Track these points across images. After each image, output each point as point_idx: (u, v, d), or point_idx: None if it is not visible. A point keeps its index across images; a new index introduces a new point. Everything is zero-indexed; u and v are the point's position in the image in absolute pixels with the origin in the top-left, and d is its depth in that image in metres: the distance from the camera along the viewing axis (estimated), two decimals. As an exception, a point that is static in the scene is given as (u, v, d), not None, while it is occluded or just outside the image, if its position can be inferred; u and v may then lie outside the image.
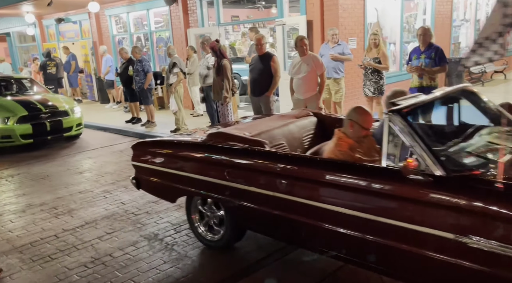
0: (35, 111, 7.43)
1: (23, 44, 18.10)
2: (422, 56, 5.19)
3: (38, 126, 7.35)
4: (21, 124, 7.21)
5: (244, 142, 3.14)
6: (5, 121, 7.17)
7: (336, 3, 7.26)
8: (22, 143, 7.26)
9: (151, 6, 11.26)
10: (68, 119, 7.77)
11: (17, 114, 7.25)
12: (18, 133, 7.19)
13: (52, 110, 7.63)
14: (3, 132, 7.18)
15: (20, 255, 3.64)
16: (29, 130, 7.26)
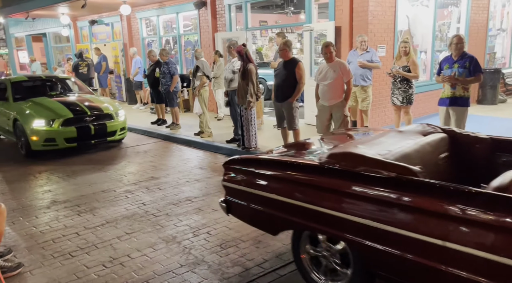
0: (80, 114, 7.07)
1: (58, 45, 18.76)
2: (455, 65, 4.99)
3: (82, 129, 6.98)
4: (66, 127, 6.86)
5: (387, 168, 2.39)
6: (49, 123, 6.82)
7: (365, 10, 7.12)
8: (66, 146, 6.93)
9: (181, 10, 11.43)
10: (113, 123, 7.35)
11: (62, 117, 6.89)
12: (63, 136, 6.85)
13: (97, 113, 7.24)
14: (47, 135, 6.80)
15: (42, 251, 3.71)
16: (73, 134, 6.90)
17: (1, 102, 7.81)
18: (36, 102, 7.29)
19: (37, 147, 6.86)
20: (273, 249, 3.62)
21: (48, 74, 9.95)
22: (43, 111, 6.94)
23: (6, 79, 8.21)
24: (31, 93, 7.84)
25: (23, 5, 13.19)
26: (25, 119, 6.92)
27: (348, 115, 5.55)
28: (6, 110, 7.57)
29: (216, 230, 4.05)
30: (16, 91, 7.80)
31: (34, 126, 6.77)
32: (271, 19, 16.21)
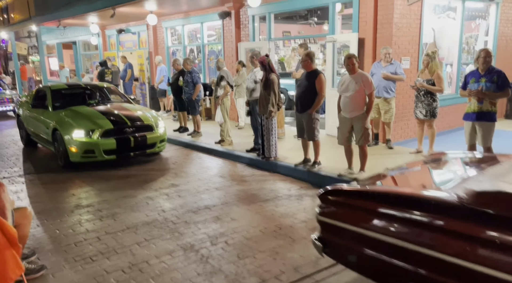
0: (120, 125, 6.74)
1: (87, 52, 19.38)
2: (482, 79, 4.87)
3: (122, 141, 6.63)
4: (106, 138, 6.54)
5: None
6: (89, 134, 6.51)
7: (390, 22, 7.07)
8: (105, 159, 6.59)
9: (205, 20, 11.63)
10: (153, 134, 6.99)
11: (102, 128, 6.59)
12: (102, 148, 6.53)
13: (137, 124, 6.90)
14: (86, 146, 6.48)
15: (64, 254, 3.80)
16: (112, 146, 6.57)
17: (41, 110, 7.64)
18: (76, 112, 7.09)
19: (75, 158, 6.61)
20: (290, 262, 3.59)
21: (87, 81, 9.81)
22: (83, 122, 6.69)
23: (46, 87, 8.09)
24: (71, 102, 7.64)
25: (55, 14, 13.71)
26: (64, 129, 6.67)
27: (369, 128, 5.48)
28: (45, 119, 7.35)
29: (234, 239, 4.05)
30: (56, 99, 7.62)
31: (74, 137, 6.52)
32: (294, 30, 16.26)
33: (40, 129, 7.60)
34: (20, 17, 20.90)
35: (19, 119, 8.93)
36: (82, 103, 7.72)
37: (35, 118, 7.81)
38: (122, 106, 7.74)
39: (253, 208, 4.92)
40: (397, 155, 6.68)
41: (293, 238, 4.05)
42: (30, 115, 8.12)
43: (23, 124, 8.67)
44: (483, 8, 9.02)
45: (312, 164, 6.07)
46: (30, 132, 8.34)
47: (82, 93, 8.25)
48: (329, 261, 3.55)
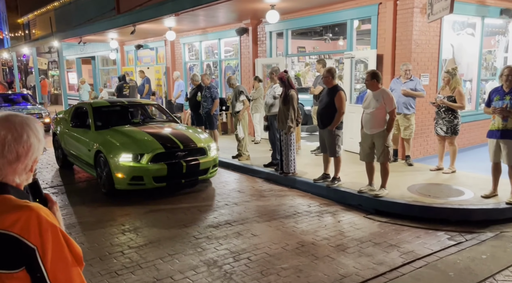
0: (171, 148, 5.96)
1: (105, 67, 19.82)
2: (507, 97, 4.82)
3: (173, 167, 5.87)
4: (155, 163, 5.78)
5: None
6: (137, 158, 5.75)
7: (409, 39, 7.09)
8: (154, 186, 5.85)
9: (223, 36, 11.83)
10: (205, 159, 6.22)
11: (153, 151, 5.81)
12: (152, 174, 5.75)
13: (189, 147, 6.13)
14: (135, 172, 5.71)
15: (90, 268, 3.83)
16: (163, 172, 5.81)
17: (82, 130, 6.87)
18: (122, 132, 6.36)
19: (121, 185, 5.83)
20: (314, 280, 3.56)
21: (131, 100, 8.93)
22: (131, 144, 5.94)
23: (87, 104, 7.34)
24: (113, 121, 6.97)
25: (77, 30, 14.12)
26: (110, 152, 5.87)
27: (390, 146, 5.44)
28: (87, 139, 6.57)
29: (256, 255, 4.04)
30: (98, 117, 6.91)
31: (121, 161, 5.73)
32: (309, 45, 16.40)
33: (80, 151, 6.87)
34: (41, 33, 21.56)
35: (54, 138, 8.22)
36: (126, 122, 7.04)
37: (75, 138, 7.06)
38: (170, 126, 6.99)
39: (274, 224, 4.90)
40: (417, 171, 6.60)
41: (316, 256, 4.02)
42: (69, 134, 7.36)
43: (59, 144, 7.90)
44: (503, 24, 8.98)
45: (331, 180, 6.05)
46: (67, 153, 7.55)
47: (125, 111, 7.57)
48: (354, 280, 3.51)
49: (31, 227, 1.24)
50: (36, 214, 1.26)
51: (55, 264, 1.27)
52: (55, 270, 1.27)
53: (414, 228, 4.70)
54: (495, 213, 4.87)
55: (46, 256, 1.25)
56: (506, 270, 3.65)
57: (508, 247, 4.14)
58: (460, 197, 5.27)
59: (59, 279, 1.28)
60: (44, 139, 1.36)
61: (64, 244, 1.31)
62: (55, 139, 8.18)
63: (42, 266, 1.25)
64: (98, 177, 6.32)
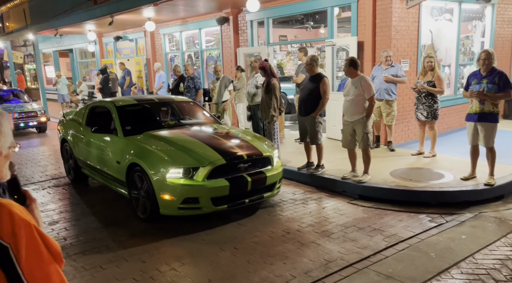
0: (233, 159, 4.57)
1: (83, 60, 19.38)
2: (483, 81, 4.92)
3: (236, 183, 4.49)
4: (214, 180, 4.40)
5: None
6: (189, 173, 4.36)
7: (389, 25, 7.13)
8: (213, 210, 4.43)
9: (203, 26, 11.68)
10: (272, 171, 4.85)
11: (211, 163, 4.41)
12: (210, 194, 4.35)
13: (254, 157, 4.76)
14: (188, 192, 4.32)
15: (73, 263, 3.79)
16: (224, 191, 4.40)
17: (105, 136, 5.40)
18: (163, 139, 4.94)
19: (169, 210, 4.42)
20: (300, 266, 3.60)
21: (162, 96, 7.22)
22: (180, 154, 4.53)
23: (109, 103, 5.78)
24: (144, 123, 5.57)
25: (52, 22, 13.71)
26: (152, 165, 4.45)
27: (369, 133, 5.50)
28: (114, 149, 5.16)
29: (242, 244, 4.06)
30: (124, 119, 5.41)
31: (168, 178, 4.32)
32: (291, 34, 16.35)
33: (102, 163, 5.41)
34: (16, 25, 20.86)
35: (63, 146, 6.66)
36: (160, 124, 5.66)
37: (94, 146, 5.62)
38: (220, 129, 5.69)
39: (259, 213, 4.92)
40: (399, 156, 6.72)
41: (301, 242, 4.06)
42: (85, 141, 5.86)
43: (71, 153, 6.35)
44: (479, 9, 9.12)
45: (315, 167, 6.10)
46: (81, 163, 6.09)
47: (156, 110, 6.07)
48: (339, 264, 3.57)
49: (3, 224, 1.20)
50: (8, 210, 1.23)
51: (31, 262, 1.24)
52: (31, 268, 1.24)
53: (397, 211, 4.79)
54: (473, 195, 5.01)
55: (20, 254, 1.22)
56: (485, 249, 3.77)
57: (486, 227, 4.27)
58: (440, 180, 5.39)
59: (36, 277, 1.26)
60: (9, 133, 1.32)
61: (40, 241, 1.29)
62: (64, 148, 6.61)
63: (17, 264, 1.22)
64: (131, 198, 4.84)
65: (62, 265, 1.39)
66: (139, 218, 4.74)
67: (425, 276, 3.34)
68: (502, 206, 4.84)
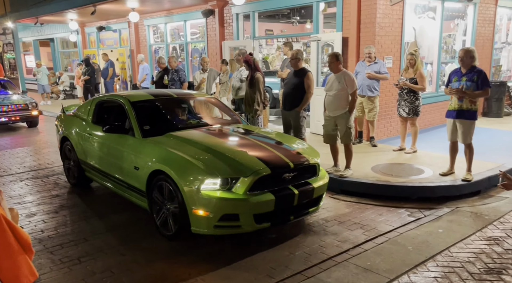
0: (278, 168, 3.89)
1: (65, 50, 18.95)
2: (463, 78, 5.01)
3: (283, 197, 3.81)
4: (257, 193, 3.72)
5: None
6: (227, 183, 3.69)
7: (373, 21, 7.18)
8: (255, 229, 3.76)
9: (189, 18, 11.55)
10: (317, 181, 4.18)
11: (255, 173, 3.73)
12: (253, 210, 3.68)
13: (300, 165, 4.08)
14: (226, 207, 3.65)
15: (51, 256, 3.72)
16: (269, 206, 3.73)
17: (119, 136, 4.70)
18: (191, 142, 4.26)
19: (203, 228, 3.73)
20: (281, 260, 3.62)
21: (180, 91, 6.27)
22: (216, 161, 3.86)
23: (123, 98, 4.98)
24: (163, 122, 4.98)
25: (32, 10, 13.36)
26: (182, 173, 3.78)
27: (351, 127, 5.55)
28: (132, 152, 4.43)
29: (224, 241, 4.05)
30: (141, 118, 4.71)
31: (203, 190, 3.65)
32: (277, 28, 16.34)
33: (115, 167, 4.70)
34: (-6, 13, 20.20)
35: (63, 145, 5.91)
36: (182, 124, 5.09)
37: (106, 148, 4.93)
38: (253, 130, 5.03)
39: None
40: (381, 152, 6.80)
41: (282, 236, 4.08)
42: (92, 141, 5.18)
43: (73, 154, 5.63)
44: (462, 8, 9.27)
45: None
46: (86, 166, 5.37)
47: (176, 108, 5.46)
48: (319, 257, 3.61)
49: None
50: None
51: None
52: (0, 259, 1.21)
53: (377, 206, 4.86)
54: (452, 190, 5.11)
55: None
56: (460, 243, 3.86)
57: (462, 221, 4.37)
58: (420, 175, 5.48)
59: (4, 267, 1.23)
60: None
61: (9, 231, 1.26)
62: (65, 147, 5.87)
63: None
64: (152, 211, 4.15)
65: (32, 255, 1.36)
66: (163, 234, 4.03)
67: (402, 268, 3.40)
68: (478, 201, 4.96)
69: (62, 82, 17.08)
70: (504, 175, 3.01)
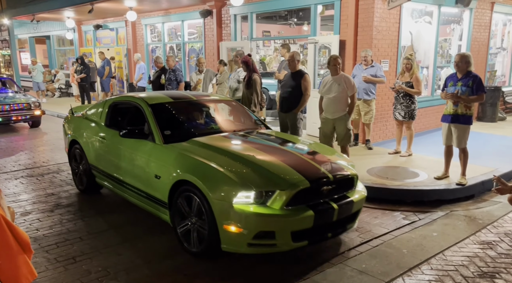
0: (317, 181, 3.56)
1: (61, 48, 18.85)
2: (458, 83, 5.07)
3: (321, 212, 3.48)
4: (295, 208, 3.38)
5: None
6: (261, 196, 3.35)
7: (370, 25, 7.23)
8: (292, 248, 3.44)
9: (186, 18, 11.54)
10: (355, 194, 3.84)
11: (292, 187, 3.40)
12: (290, 227, 3.36)
13: (340, 178, 3.75)
14: (262, 223, 3.30)
15: (46, 255, 3.71)
16: (308, 222, 3.40)
17: (137, 141, 4.32)
18: (218, 149, 3.91)
19: (235, 246, 3.41)
20: (273, 262, 3.63)
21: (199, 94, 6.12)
22: (248, 172, 3.53)
23: (140, 100, 4.61)
24: (185, 127, 4.67)
25: (29, 7, 13.28)
26: (212, 185, 3.44)
27: (351, 129, 5.60)
28: (151, 158, 4.10)
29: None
30: (161, 122, 4.35)
31: (236, 204, 3.32)
32: (274, 30, 16.36)
33: (132, 175, 4.37)
34: (-10, 9, 20.06)
35: (72, 149, 5.54)
36: (205, 129, 4.76)
37: (121, 153, 4.55)
38: (282, 137, 4.72)
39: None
40: (377, 155, 6.84)
41: (278, 237, 4.09)
42: (106, 146, 4.82)
43: (83, 159, 5.29)
44: (458, 13, 9.35)
45: None
46: (98, 172, 5.04)
47: (197, 112, 5.12)
48: (315, 260, 3.62)
49: None
50: None
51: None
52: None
53: (372, 208, 4.89)
54: (446, 193, 5.16)
55: None
56: (454, 246, 3.89)
57: (456, 225, 4.42)
58: (415, 178, 5.52)
59: (3, 267, 1.23)
60: None
61: (8, 231, 1.26)
62: (74, 151, 5.50)
63: None
64: (175, 225, 3.80)
65: (31, 255, 1.36)
66: (187, 251, 3.70)
67: (397, 271, 3.43)
68: (472, 205, 5.01)
69: (58, 80, 16.99)
70: (498, 179, 3.05)
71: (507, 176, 5.67)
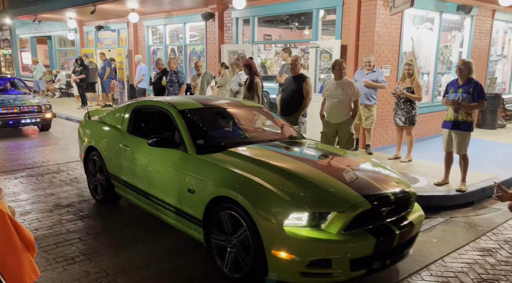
0: (379, 202, 3.15)
1: (62, 48, 18.87)
2: (459, 90, 5.08)
3: (382, 237, 3.06)
4: (353, 232, 2.99)
5: None
6: (314, 218, 2.95)
7: (372, 30, 7.26)
8: (350, 277, 3.01)
9: (188, 20, 11.57)
10: (413, 214, 3.46)
11: (352, 208, 2.99)
12: (349, 255, 2.95)
13: (401, 197, 3.34)
14: (317, 250, 2.92)
15: (45, 255, 3.70)
16: (368, 249, 3.00)
17: (165, 151, 3.90)
18: (261, 163, 3.48)
19: (286, 275, 3.00)
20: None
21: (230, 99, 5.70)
22: (300, 190, 3.10)
23: (168, 106, 4.16)
24: (219, 136, 4.30)
25: (31, 7, 13.31)
26: (259, 203, 3.03)
27: (354, 134, 5.61)
28: (184, 170, 3.66)
29: (219, 241, 4.04)
30: (193, 131, 3.92)
31: (286, 226, 2.92)
32: (275, 33, 16.41)
33: (160, 188, 3.96)
34: (-8, 9, 20.09)
35: (89, 156, 5.11)
36: (241, 139, 4.35)
37: (147, 163, 4.15)
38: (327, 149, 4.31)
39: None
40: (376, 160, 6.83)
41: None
42: (131, 155, 4.36)
43: (101, 167, 4.87)
44: (459, 20, 9.39)
45: None
46: (119, 182, 4.60)
47: (229, 118, 4.73)
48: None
49: None
50: None
51: (3, 251, 1.22)
52: (4, 257, 1.21)
53: (372, 213, 4.88)
54: (446, 200, 5.16)
55: None
56: (454, 253, 3.89)
57: (456, 231, 4.42)
58: (415, 184, 5.52)
59: (8, 265, 1.23)
60: None
61: (13, 229, 1.26)
62: (91, 159, 5.06)
63: None
64: (211, 246, 3.41)
65: (34, 254, 1.36)
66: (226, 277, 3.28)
67: (397, 277, 3.43)
68: (472, 212, 5.01)
69: (59, 80, 17.00)
70: (498, 186, 3.06)
71: (507, 183, 5.68)
